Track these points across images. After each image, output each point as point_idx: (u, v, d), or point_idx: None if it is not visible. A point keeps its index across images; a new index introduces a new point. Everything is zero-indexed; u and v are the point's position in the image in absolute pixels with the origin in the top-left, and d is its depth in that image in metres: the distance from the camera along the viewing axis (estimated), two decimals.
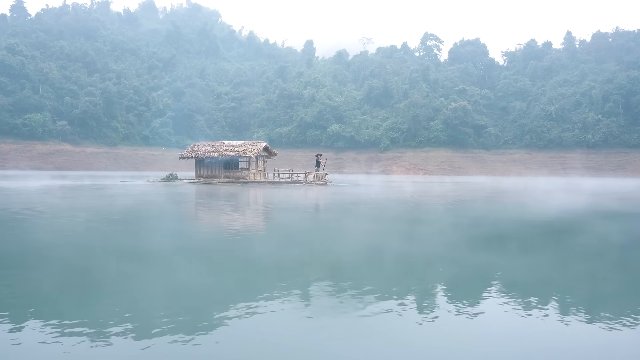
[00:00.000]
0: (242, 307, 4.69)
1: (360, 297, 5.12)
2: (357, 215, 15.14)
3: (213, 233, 10.24)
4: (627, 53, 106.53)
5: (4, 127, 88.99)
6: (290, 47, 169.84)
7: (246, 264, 7.05)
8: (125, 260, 7.14)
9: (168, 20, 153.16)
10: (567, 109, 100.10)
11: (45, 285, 5.61)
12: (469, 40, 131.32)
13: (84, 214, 13.39)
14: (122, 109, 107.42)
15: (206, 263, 7.06)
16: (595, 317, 4.57)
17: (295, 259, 7.42)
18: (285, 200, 20.52)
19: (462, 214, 15.82)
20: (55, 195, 21.88)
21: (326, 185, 34.19)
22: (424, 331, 4.19)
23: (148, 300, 5.01)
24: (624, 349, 3.93)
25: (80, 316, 4.35)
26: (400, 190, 30.40)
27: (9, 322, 4.20)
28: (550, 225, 12.77)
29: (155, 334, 3.93)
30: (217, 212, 15.51)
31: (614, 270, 7.21)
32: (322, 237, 10.09)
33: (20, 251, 7.72)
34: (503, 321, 4.48)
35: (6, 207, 15.67)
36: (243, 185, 33.30)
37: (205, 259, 7.32)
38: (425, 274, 6.58)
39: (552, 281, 6.19)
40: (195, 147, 39.03)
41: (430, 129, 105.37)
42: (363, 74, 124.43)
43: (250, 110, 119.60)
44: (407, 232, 10.88)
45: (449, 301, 5.09)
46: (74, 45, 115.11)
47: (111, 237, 9.29)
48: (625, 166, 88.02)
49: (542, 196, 25.94)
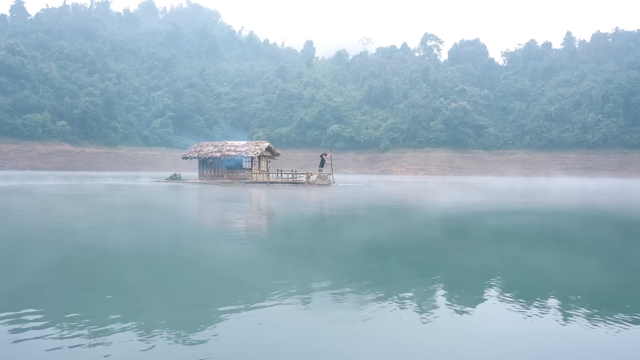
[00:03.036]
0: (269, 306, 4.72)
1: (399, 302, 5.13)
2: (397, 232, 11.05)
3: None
4: (627, 53, 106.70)
5: (3, 127, 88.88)
6: (290, 47, 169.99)
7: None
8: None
9: (168, 21, 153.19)
10: (567, 109, 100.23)
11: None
12: (468, 41, 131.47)
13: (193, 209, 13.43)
14: (122, 109, 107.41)
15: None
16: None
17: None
18: (286, 205, 20.35)
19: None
20: (113, 194, 21.90)
21: (330, 186, 34.06)
22: (430, 331, 4.22)
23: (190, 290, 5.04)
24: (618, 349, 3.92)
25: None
26: (414, 193, 29.50)
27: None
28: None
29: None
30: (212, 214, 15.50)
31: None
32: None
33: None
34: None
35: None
36: (245, 186, 33.12)
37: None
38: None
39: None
40: (199, 147, 39.04)
41: (430, 129, 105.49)
42: (363, 74, 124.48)
43: (250, 111, 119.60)
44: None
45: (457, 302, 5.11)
46: (74, 46, 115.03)
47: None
48: (625, 166, 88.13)
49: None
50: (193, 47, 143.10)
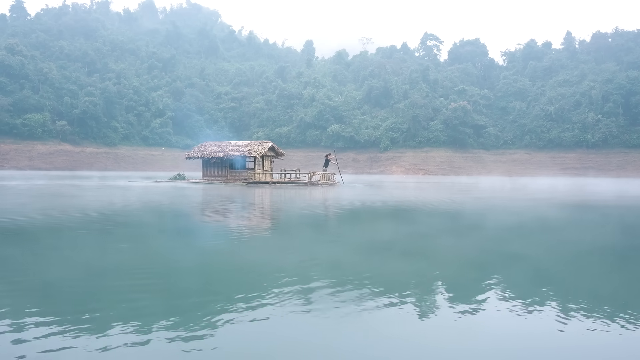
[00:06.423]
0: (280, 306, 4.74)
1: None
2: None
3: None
4: (626, 53, 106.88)
5: (3, 127, 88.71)
6: (290, 47, 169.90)
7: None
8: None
9: (168, 20, 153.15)
10: (566, 109, 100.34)
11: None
12: (468, 41, 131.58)
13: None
14: (121, 109, 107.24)
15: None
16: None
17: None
18: (290, 206, 20.25)
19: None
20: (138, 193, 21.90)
21: (334, 186, 34.03)
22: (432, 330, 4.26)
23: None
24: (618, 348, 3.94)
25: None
26: (426, 192, 29.21)
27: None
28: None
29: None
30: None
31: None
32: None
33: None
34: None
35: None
36: (248, 186, 33.05)
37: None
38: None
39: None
40: (202, 147, 38.93)
41: (430, 129, 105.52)
42: (363, 74, 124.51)
43: (250, 110, 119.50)
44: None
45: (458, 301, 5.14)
46: (74, 45, 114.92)
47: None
48: (625, 166, 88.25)
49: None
50: (193, 47, 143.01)
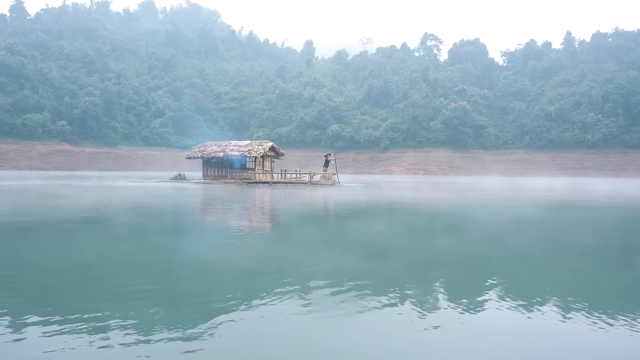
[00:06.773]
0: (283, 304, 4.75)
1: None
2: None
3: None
4: (626, 53, 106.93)
5: (3, 127, 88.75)
6: (290, 47, 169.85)
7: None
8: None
9: (168, 20, 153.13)
10: (566, 109, 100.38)
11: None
12: (468, 41, 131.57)
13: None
14: (121, 109, 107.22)
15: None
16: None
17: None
18: (292, 207, 20.32)
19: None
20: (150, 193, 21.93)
21: (334, 186, 34.07)
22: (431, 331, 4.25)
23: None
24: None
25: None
26: (432, 192, 29.12)
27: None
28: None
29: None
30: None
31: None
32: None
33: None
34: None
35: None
36: (248, 186, 33.05)
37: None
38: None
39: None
40: (202, 147, 38.96)
41: (429, 129, 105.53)
42: (363, 74, 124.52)
43: (249, 111, 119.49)
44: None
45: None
46: (74, 45, 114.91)
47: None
48: (625, 166, 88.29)
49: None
50: (193, 47, 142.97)
